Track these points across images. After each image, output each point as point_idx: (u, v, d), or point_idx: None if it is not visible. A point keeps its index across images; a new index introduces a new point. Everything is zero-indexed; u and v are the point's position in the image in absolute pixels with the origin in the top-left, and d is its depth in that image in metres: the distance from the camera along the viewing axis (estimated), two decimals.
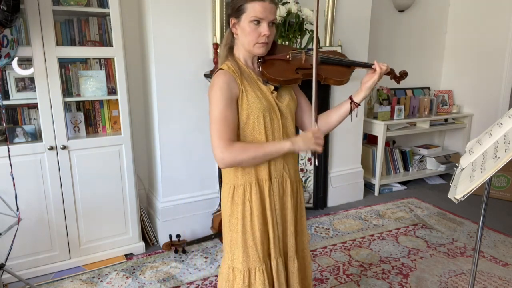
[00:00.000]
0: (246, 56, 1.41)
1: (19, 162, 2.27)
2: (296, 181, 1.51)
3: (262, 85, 1.40)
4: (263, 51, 1.37)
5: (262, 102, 1.36)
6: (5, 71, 2.27)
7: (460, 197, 1.29)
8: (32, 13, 2.17)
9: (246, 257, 1.39)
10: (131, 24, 2.83)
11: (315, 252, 2.75)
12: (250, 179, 1.38)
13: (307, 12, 2.82)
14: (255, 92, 1.36)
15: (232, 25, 1.37)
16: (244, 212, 1.38)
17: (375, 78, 1.42)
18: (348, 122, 3.53)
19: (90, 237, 2.56)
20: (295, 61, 1.44)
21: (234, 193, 1.39)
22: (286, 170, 1.44)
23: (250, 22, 1.31)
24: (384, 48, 4.10)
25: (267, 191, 1.40)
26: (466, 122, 4.29)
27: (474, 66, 4.23)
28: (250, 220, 1.38)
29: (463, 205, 3.36)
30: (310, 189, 3.46)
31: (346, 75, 1.47)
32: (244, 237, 1.39)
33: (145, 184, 3.17)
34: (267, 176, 1.40)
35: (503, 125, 1.40)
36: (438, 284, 2.37)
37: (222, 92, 1.30)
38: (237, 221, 1.39)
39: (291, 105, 1.46)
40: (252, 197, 1.38)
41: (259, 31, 1.32)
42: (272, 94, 1.40)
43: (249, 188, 1.38)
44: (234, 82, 1.33)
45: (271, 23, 1.33)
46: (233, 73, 1.35)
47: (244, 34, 1.34)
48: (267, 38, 1.33)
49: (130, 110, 2.54)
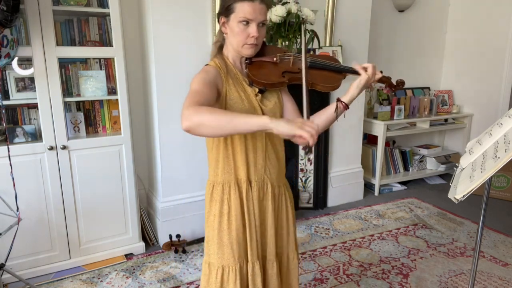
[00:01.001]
0: (235, 56, 1.39)
1: (19, 162, 2.27)
2: (279, 185, 1.46)
3: (247, 87, 1.37)
4: (251, 52, 1.34)
5: (244, 104, 1.32)
6: (5, 71, 2.27)
7: (460, 197, 1.29)
8: (32, 13, 2.17)
9: (221, 254, 1.38)
10: (131, 24, 2.83)
11: (315, 252, 2.75)
12: (229, 178, 1.37)
13: (307, 12, 2.82)
14: (239, 93, 1.33)
15: (222, 24, 1.34)
16: (222, 210, 1.37)
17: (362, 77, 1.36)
18: (348, 122, 3.57)
19: (90, 237, 2.56)
20: (283, 64, 1.40)
21: (213, 190, 1.38)
22: (268, 173, 1.41)
23: (239, 23, 1.28)
24: (384, 48, 4.10)
25: (245, 193, 1.37)
26: (466, 122, 4.29)
27: (474, 66, 4.23)
28: (227, 219, 1.37)
29: (463, 205, 3.36)
30: (310, 189, 3.46)
31: (336, 81, 1.40)
32: (220, 235, 1.37)
33: (145, 184, 3.17)
34: (246, 178, 1.37)
35: (503, 125, 1.40)
36: (438, 284, 2.37)
37: (206, 74, 1.27)
38: (214, 218, 1.38)
39: (276, 108, 1.41)
40: (231, 196, 1.37)
41: (247, 32, 1.29)
42: (257, 97, 1.36)
43: (227, 187, 1.37)
44: (219, 77, 1.30)
45: (261, 24, 1.30)
46: (219, 69, 1.33)
47: (233, 34, 1.31)
48: (255, 40, 1.30)
49: (130, 110, 2.54)
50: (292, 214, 1.52)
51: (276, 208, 1.45)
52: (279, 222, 1.48)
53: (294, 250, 1.52)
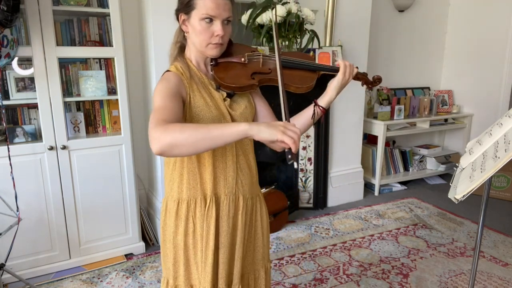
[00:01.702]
0: (198, 57, 1.26)
1: (19, 162, 2.27)
2: (252, 197, 1.33)
3: (214, 91, 1.24)
4: (216, 52, 1.21)
5: (211, 110, 1.20)
6: (5, 71, 2.27)
7: (460, 197, 1.29)
8: (32, 13, 2.17)
9: (188, 275, 1.27)
10: (131, 24, 2.83)
11: (315, 252, 2.75)
12: (195, 194, 1.24)
13: (307, 12, 2.82)
14: (205, 99, 1.20)
15: (182, 22, 1.22)
16: (187, 229, 1.25)
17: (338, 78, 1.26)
18: (348, 122, 3.57)
19: (90, 237, 2.56)
20: (252, 64, 1.27)
21: (178, 208, 1.25)
22: (240, 185, 1.28)
23: (201, 20, 1.15)
24: (384, 48, 4.10)
25: (214, 210, 1.24)
26: (466, 122, 4.29)
27: (474, 66, 4.23)
28: (192, 238, 1.25)
29: (463, 205, 3.36)
30: (310, 189, 3.46)
31: (309, 81, 1.28)
32: (186, 254, 1.26)
33: (145, 184, 3.17)
34: (212, 193, 1.24)
35: (503, 125, 1.40)
36: (438, 284, 2.37)
37: (168, 85, 1.14)
38: (181, 237, 1.25)
39: (246, 113, 1.28)
40: (196, 213, 1.24)
41: (211, 31, 1.17)
42: (225, 101, 1.24)
43: (193, 204, 1.24)
44: (182, 84, 1.18)
45: (226, 21, 1.18)
46: (181, 75, 1.20)
47: (195, 33, 1.18)
48: (221, 39, 1.18)
49: (130, 110, 2.54)
50: (265, 227, 1.40)
51: (247, 222, 1.33)
52: (249, 238, 1.36)
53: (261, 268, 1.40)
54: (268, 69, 1.26)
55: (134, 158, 2.62)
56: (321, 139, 3.36)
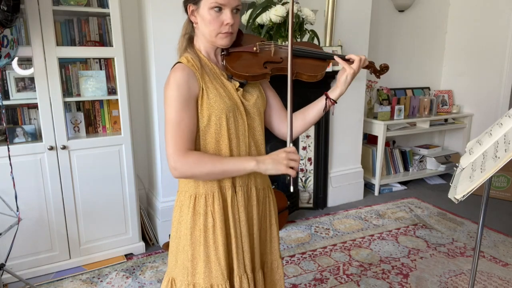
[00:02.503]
0: (208, 47, 1.25)
1: (19, 162, 2.27)
2: (264, 188, 1.36)
3: (226, 81, 1.24)
4: (226, 42, 1.21)
5: (225, 101, 1.20)
6: (5, 71, 2.27)
7: (460, 197, 1.29)
8: (32, 13, 2.17)
9: (209, 273, 1.24)
10: (131, 24, 2.83)
11: (315, 252, 2.75)
12: (213, 188, 1.24)
13: (307, 12, 2.82)
14: (218, 90, 1.21)
15: (191, 13, 1.22)
16: (207, 224, 1.24)
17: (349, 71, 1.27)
18: (348, 122, 3.57)
19: (90, 237, 2.56)
20: (263, 53, 1.28)
21: (195, 203, 1.25)
22: (252, 177, 1.30)
23: (211, 9, 1.15)
24: (384, 48, 4.10)
25: (230, 201, 1.25)
26: (466, 122, 4.29)
27: (474, 66, 4.23)
28: (212, 233, 1.24)
29: (463, 205, 3.36)
30: (310, 189, 3.46)
31: (321, 69, 1.30)
32: (207, 251, 1.24)
33: (145, 184, 3.17)
34: (230, 184, 1.25)
35: (503, 125, 1.40)
36: (438, 284, 2.37)
37: (179, 91, 1.14)
38: (200, 233, 1.24)
39: (259, 103, 1.30)
40: (215, 208, 1.24)
41: (221, 20, 1.16)
42: (238, 91, 1.25)
43: (211, 198, 1.24)
44: (194, 78, 1.18)
45: (235, 9, 1.18)
46: (192, 67, 1.19)
47: (204, 23, 1.18)
48: (230, 27, 1.18)
49: (130, 110, 2.54)
50: (275, 219, 1.42)
51: (262, 213, 1.37)
52: (266, 227, 1.39)
53: (278, 258, 1.42)
54: (280, 58, 1.27)
55: (134, 158, 2.62)
56: (321, 139, 3.36)
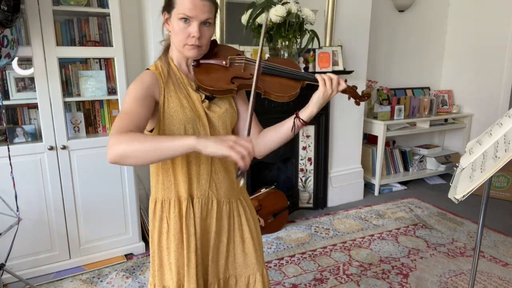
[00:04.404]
0: (179, 57, 1.24)
1: (19, 162, 2.27)
2: (230, 201, 1.30)
3: (192, 92, 1.22)
4: (193, 53, 1.18)
5: (186, 112, 1.18)
6: (5, 71, 2.27)
7: (460, 197, 1.30)
8: (32, 13, 2.17)
9: (162, 275, 1.27)
10: (131, 24, 2.83)
11: (315, 252, 2.75)
12: (169, 195, 1.24)
13: (307, 12, 2.82)
14: (180, 100, 1.19)
15: (165, 21, 1.21)
16: (161, 229, 1.25)
17: (320, 91, 1.20)
18: (348, 122, 3.57)
19: (90, 237, 2.56)
20: (233, 68, 1.23)
21: (155, 207, 1.26)
22: (213, 188, 1.26)
23: (179, 20, 1.14)
24: (384, 48, 4.10)
25: (185, 212, 1.23)
26: (466, 122, 4.29)
27: (474, 66, 4.23)
28: (166, 238, 1.25)
29: (463, 205, 3.36)
30: (310, 189, 3.46)
31: (291, 89, 1.23)
32: (160, 255, 1.27)
33: (145, 184, 3.17)
34: (187, 195, 1.23)
35: (503, 125, 1.40)
36: (438, 284, 2.37)
37: (139, 86, 1.14)
38: (157, 236, 1.27)
39: (226, 116, 1.25)
40: (170, 214, 1.23)
41: (188, 32, 1.14)
42: (203, 103, 1.22)
43: (167, 204, 1.24)
44: (156, 84, 1.17)
45: (207, 22, 1.16)
46: (159, 75, 1.19)
47: (174, 32, 1.17)
48: (197, 40, 1.15)
49: None
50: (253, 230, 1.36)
51: (226, 227, 1.31)
52: (233, 240, 1.34)
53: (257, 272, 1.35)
54: (250, 74, 1.22)
55: None
56: (321, 139, 3.36)
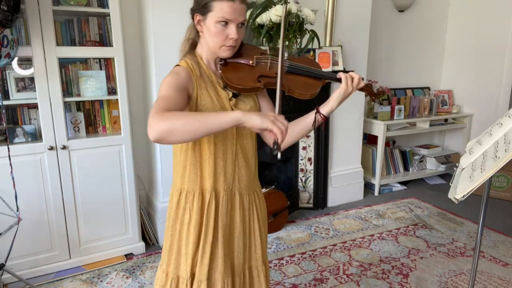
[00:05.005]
0: (209, 56, 1.30)
1: (19, 162, 2.27)
2: (249, 193, 1.38)
3: (220, 90, 1.28)
4: (228, 54, 1.25)
5: (216, 109, 1.24)
6: (5, 71, 2.27)
7: (460, 197, 1.30)
8: (32, 13, 2.17)
9: (178, 265, 1.32)
10: (131, 24, 2.83)
11: (315, 252, 2.75)
12: (194, 187, 1.29)
13: (307, 12, 2.82)
14: (211, 97, 1.25)
15: (197, 22, 1.25)
16: (183, 220, 1.30)
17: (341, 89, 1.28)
18: (348, 122, 3.57)
19: (90, 237, 2.56)
20: (259, 67, 1.30)
21: (179, 197, 1.31)
22: (236, 182, 1.33)
23: (217, 23, 1.19)
24: (384, 48, 4.10)
25: (207, 204, 1.29)
26: (466, 122, 4.29)
27: (474, 66, 4.23)
28: (187, 229, 1.30)
29: (463, 205, 3.36)
30: (310, 189, 3.46)
31: (314, 88, 1.31)
32: (179, 244, 1.32)
33: (145, 184, 3.17)
34: (211, 188, 1.28)
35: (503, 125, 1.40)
36: (438, 284, 2.37)
37: (175, 77, 1.18)
38: (178, 227, 1.31)
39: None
40: (194, 206, 1.29)
41: (226, 33, 1.20)
42: (230, 101, 1.28)
43: (191, 196, 1.29)
44: (190, 80, 1.22)
45: (240, 24, 1.22)
46: (191, 71, 1.24)
47: (210, 34, 1.22)
48: (234, 42, 1.22)
49: (130, 110, 2.54)
50: (261, 224, 1.43)
51: (247, 217, 1.38)
52: (249, 232, 1.40)
53: (260, 265, 1.42)
54: (275, 73, 1.27)
55: (134, 158, 2.62)
56: (321, 139, 3.36)
